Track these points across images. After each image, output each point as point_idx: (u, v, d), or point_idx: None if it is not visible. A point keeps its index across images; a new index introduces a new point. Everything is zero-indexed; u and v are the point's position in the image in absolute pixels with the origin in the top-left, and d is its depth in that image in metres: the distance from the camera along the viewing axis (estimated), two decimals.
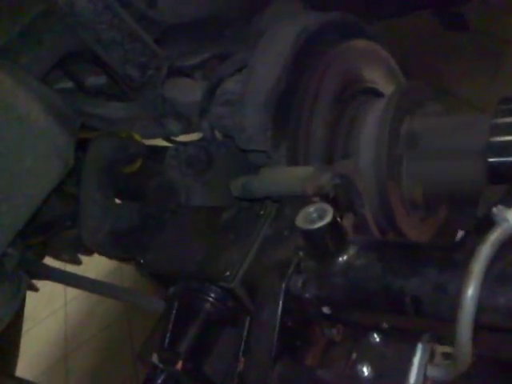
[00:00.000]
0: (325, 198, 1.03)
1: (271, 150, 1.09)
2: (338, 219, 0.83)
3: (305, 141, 1.11)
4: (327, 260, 0.80)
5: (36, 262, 1.48)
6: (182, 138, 1.41)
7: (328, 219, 0.78)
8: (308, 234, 0.78)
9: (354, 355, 0.82)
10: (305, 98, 1.13)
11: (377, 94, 1.30)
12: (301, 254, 0.83)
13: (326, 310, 0.81)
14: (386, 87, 1.33)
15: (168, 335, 0.96)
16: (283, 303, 0.80)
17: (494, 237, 0.67)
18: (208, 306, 0.90)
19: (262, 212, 0.91)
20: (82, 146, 1.18)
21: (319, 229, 0.77)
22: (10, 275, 1.20)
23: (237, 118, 1.12)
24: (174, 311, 0.98)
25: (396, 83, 1.35)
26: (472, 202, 1.04)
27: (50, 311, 3.43)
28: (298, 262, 0.82)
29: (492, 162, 0.97)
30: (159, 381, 0.92)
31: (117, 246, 1.10)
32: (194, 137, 1.33)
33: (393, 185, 1.09)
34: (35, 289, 1.56)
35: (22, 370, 3.17)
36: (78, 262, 1.51)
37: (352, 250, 0.80)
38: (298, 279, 0.81)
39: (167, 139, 1.39)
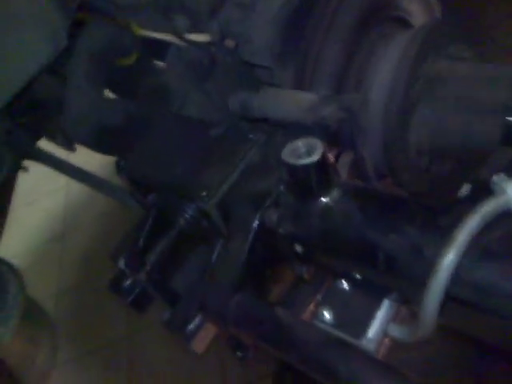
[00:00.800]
0: (324, 130, 0.97)
1: (276, 68, 1.01)
2: (328, 157, 0.78)
3: (314, 63, 1.02)
4: (308, 199, 0.76)
5: (28, 143, 1.45)
6: None
7: (316, 157, 0.72)
8: (292, 170, 0.73)
9: (319, 297, 0.80)
10: (322, 15, 1.02)
11: (406, 24, 1.18)
12: (282, 187, 0.78)
13: (298, 248, 0.78)
14: (418, 19, 1.21)
15: (140, 242, 0.95)
16: (254, 234, 0.76)
17: (486, 207, 0.62)
18: (182, 221, 0.87)
19: (251, 136, 0.85)
20: (79, 26, 1.10)
21: (305, 166, 0.72)
22: None
23: (245, 26, 1.02)
24: (149, 219, 0.95)
25: (429, 17, 1.23)
26: (479, 162, 0.97)
27: (54, 187, 3.46)
28: (278, 196, 0.78)
29: (508, 121, 0.89)
30: (124, 285, 0.92)
31: (100, 142, 1.05)
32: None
33: (399, 130, 1.02)
34: (25, 169, 1.54)
35: (19, 240, 3.28)
36: (73, 149, 1.48)
37: (335, 194, 0.75)
38: (274, 213, 0.77)
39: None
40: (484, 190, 0.65)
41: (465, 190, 0.77)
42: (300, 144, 0.74)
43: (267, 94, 1.02)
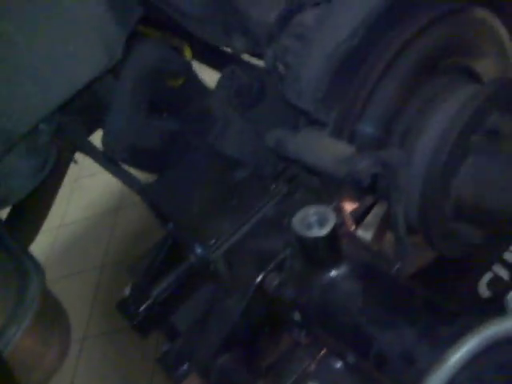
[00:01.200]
0: (357, 184, 0.92)
1: (317, 114, 0.96)
2: (344, 227, 0.74)
3: (363, 105, 0.96)
4: (313, 269, 0.72)
5: (80, 137, 1.48)
6: None
7: (326, 230, 0.68)
8: (300, 239, 0.70)
9: (312, 368, 0.77)
10: (380, 57, 0.96)
11: (472, 75, 1.10)
12: (289, 251, 0.75)
13: (296, 316, 0.75)
14: (487, 71, 1.12)
15: (151, 269, 0.95)
16: (252, 295, 0.74)
17: (491, 331, 0.56)
18: (192, 258, 0.86)
19: (273, 186, 0.82)
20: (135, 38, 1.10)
21: (314, 239, 0.68)
22: (40, 151, 1.20)
23: (297, 62, 0.98)
24: (165, 247, 0.95)
25: (501, 70, 1.14)
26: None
27: None
28: (284, 259, 0.75)
29: None
30: (129, 309, 0.92)
31: (135, 161, 1.06)
32: None
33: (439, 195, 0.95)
34: (74, 161, 1.57)
35: (78, 208, 3.42)
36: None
37: (342, 269, 0.71)
38: (276, 277, 0.74)
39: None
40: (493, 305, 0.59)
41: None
42: (311, 212, 0.70)
43: (304, 138, 0.98)
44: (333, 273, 0.71)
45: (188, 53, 1.08)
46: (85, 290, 2.93)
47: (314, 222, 0.70)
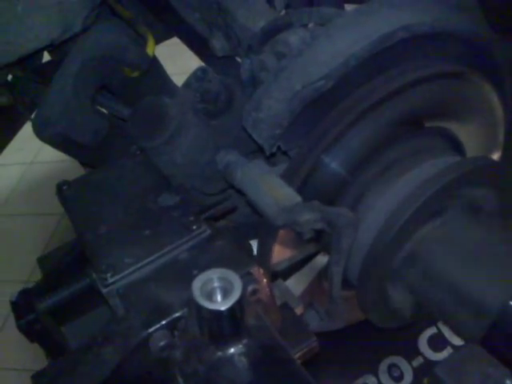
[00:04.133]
0: (297, 235, 0.83)
1: (269, 150, 0.86)
2: (247, 302, 0.64)
3: (315, 160, 0.87)
4: (207, 340, 0.63)
5: (38, 94, 1.36)
6: None
7: (228, 304, 0.59)
8: (197, 308, 0.60)
9: None
10: (352, 109, 0.85)
11: (453, 141, 1.00)
12: (186, 311, 0.65)
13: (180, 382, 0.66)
14: (471, 138, 1.03)
15: (55, 271, 0.86)
16: (132, 351, 0.65)
17: None
18: (89, 280, 0.77)
19: (194, 227, 0.72)
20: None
21: (211, 311, 0.59)
22: None
23: (263, 90, 0.88)
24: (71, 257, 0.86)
25: (488, 139, 1.04)
26: None
27: None
28: (178, 318, 0.65)
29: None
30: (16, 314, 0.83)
31: (60, 147, 0.95)
32: None
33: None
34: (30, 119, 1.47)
35: (49, 151, 3.27)
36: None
37: (237, 349, 0.62)
38: (165, 337, 0.65)
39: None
40: None
41: None
42: (214, 277, 0.61)
43: (253, 171, 0.88)
44: (226, 350, 0.62)
45: (151, 47, 0.96)
46: (41, 233, 2.82)
47: (216, 289, 0.61)
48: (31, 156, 3.27)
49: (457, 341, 1.29)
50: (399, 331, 1.07)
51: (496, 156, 1.05)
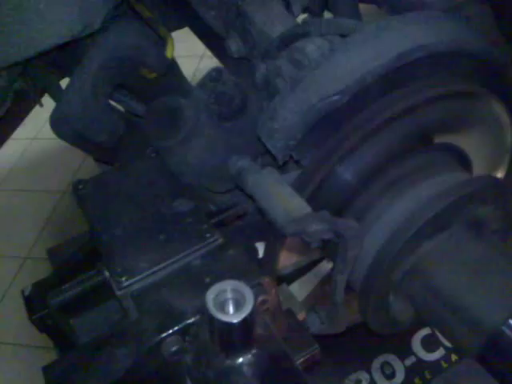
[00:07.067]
0: (305, 243, 0.86)
1: (282, 161, 0.88)
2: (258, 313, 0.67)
3: (329, 170, 0.89)
4: (217, 348, 0.66)
5: (49, 82, 1.37)
6: None
7: (241, 317, 0.61)
8: (210, 318, 0.62)
9: None
10: (363, 122, 0.87)
11: (461, 158, 1.02)
12: (199, 318, 0.68)
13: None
14: (479, 156, 1.05)
15: (68, 265, 0.88)
16: (145, 354, 0.67)
17: None
18: (101, 278, 0.80)
19: (207, 235, 0.74)
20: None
21: (224, 323, 0.61)
22: None
23: (279, 99, 0.89)
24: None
25: (495, 157, 1.06)
26: None
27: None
28: (191, 325, 0.68)
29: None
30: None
31: (79, 147, 0.97)
32: None
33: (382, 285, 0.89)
34: (40, 104, 1.48)
35: None
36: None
37: (244, 359, 0.65)
38: (177, 342, 0.67)
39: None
40: None
41: None
42: (229, 289, 0.63)
43: (265, 179, 0.90)
44: (235, 359, 0.65)
45: (170, 49, 0.97)
46: (40, 209, 2.83)
47: (229, 300, 0.63)
48: (34, 132, 3.27)
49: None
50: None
51: (500, 174, 1.07)
